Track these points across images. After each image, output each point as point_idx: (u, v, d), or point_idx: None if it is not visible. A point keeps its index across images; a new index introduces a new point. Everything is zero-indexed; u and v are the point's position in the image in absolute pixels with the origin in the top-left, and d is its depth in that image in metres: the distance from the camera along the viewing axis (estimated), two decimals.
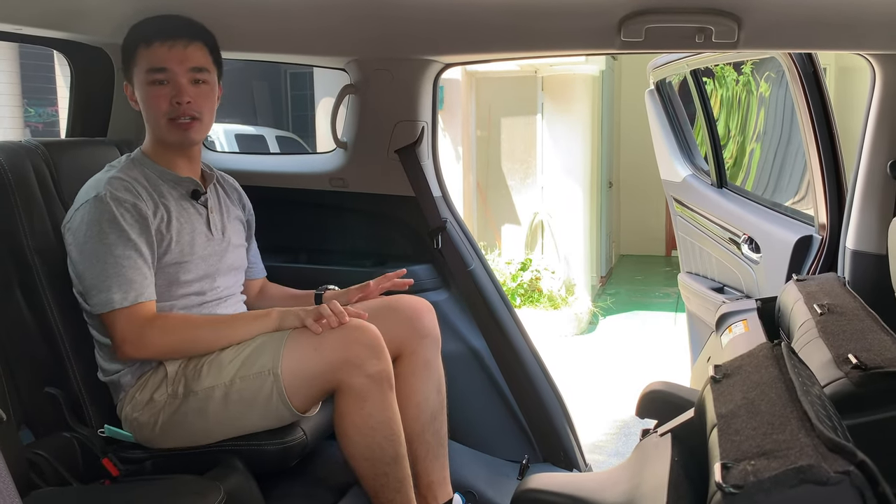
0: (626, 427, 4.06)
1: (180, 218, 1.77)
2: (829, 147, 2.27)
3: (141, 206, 1.69)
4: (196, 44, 1.75)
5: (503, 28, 1.90)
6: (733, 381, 1.07)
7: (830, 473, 0.74)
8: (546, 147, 6.73)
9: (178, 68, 1.72)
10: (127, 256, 1.65)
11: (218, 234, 1.85)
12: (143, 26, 1.76)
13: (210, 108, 1.79)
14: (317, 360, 1.62)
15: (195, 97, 1.74)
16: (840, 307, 1.66)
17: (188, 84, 1.73)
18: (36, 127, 11.01)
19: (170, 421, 1.68)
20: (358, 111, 2.38)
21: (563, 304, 6.30)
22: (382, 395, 1.64)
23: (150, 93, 1.73)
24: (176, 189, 1.80)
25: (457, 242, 2.37)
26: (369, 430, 1.64)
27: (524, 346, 2.39)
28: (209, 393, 1.66)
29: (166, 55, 1.71)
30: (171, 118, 1.73)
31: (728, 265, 2.78)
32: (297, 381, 1.63)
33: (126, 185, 1.71)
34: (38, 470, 1.60)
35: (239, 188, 2.05)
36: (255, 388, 1.64)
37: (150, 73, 1.72)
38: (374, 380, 1.62)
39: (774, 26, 1.78)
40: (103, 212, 1.66)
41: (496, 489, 2.17)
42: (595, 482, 1.18)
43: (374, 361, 1.62)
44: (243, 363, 1.65)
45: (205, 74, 1.75)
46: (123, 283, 1.64)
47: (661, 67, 3.15)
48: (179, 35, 1.73)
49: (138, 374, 1.73)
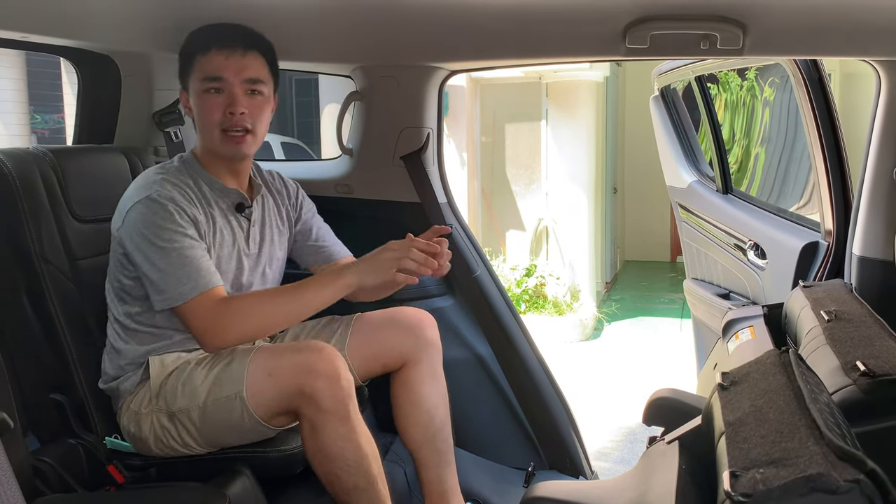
0: (632, 434, 4.04)
1: (223, 230, 1.77)
2: (835, 153, 2.26)
3: (193, 211, 1.70)
4: (253, 53, 1.72)
5: (508, 35, 1.91)
6: (741, 389, 1.06)
7: (840, 482, 0.74)
8: (550, 153, 6.74)
9: (234, 78, 1.69)
10: (189, 247, 1.65)
11: (255, 249, 1.84)
12: (201, 34, 1.74)
13: (263, 121, 1.76)
14: (272, 386, 1.59)
15: (249, 108, 1.71)
16: (847, 314, 1.65)
17: (242, 94, 1.70)
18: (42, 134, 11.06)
19: (158, 435, 1.68)
20: (363, 118, 2.38)
21: (567, 310, 6.29)
22: (338, 426, 1.57)
23: (205, 101, 1.71)
24: (223, 200, 1.79)
25: (462, 249, 2.37)
26: (324, 460, 1.60)
27: (530, 353, 2.39)
28: (187, 413, 1.65)
29: (222, 64, 1.69)
30: (223, 129, 1.71)
31: (734, 271, 2.77)
32: (263, 403, 1.60)
33: (178, 189, 1.70)
34: (44, 477, 1.60)
35: (290, 185, 2.00)
36: (227, 410, 1.62)
37: (205, 82, 1.70)
38: (328, 412, 1.56)
39: (780, 33, 1.78)
40: (157, 211, 1.65)
41: (502, 496, 2.16)
42: (602, 490, 1.18)
43: (328, 392, 1.55)
44: (213, 385, 1.63)
45: (260, 86, 1.73)
46: (192, 272, 1.64)
47: (665, 74, 3.15)
48: (237, 44, 1.70)
49: (136, 382, 1.73)
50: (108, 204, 1.94)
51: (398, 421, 1.90)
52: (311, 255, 2.00)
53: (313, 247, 1.99)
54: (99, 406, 1.78)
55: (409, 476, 2.08)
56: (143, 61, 2.13)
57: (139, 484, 1.72)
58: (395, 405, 1.90)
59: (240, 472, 1.65)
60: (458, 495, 1.91)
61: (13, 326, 1.70)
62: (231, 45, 1.70)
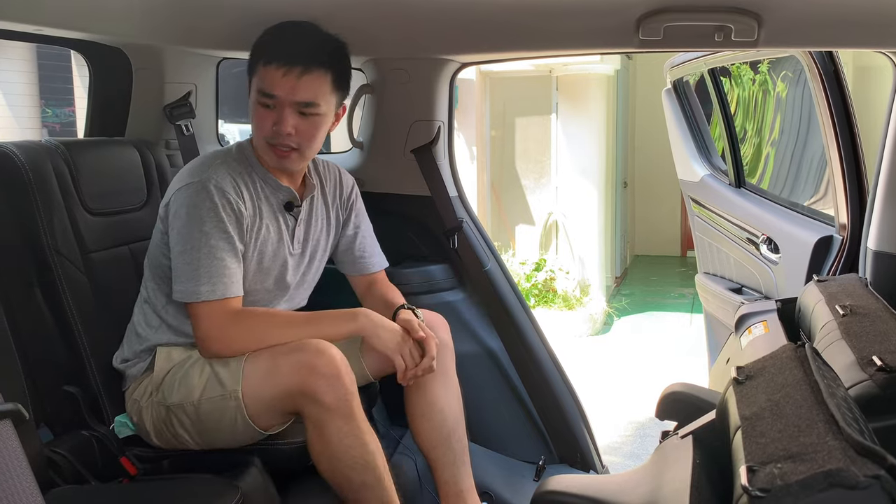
0: (643, 428, 4.03)
1: (269, 226, 1.76)
2: (850, 146, 2.24)
3: (240, 204, 1.69)
4: (313, 74, 1.66)
5: (520, 27, 1.89)
6: (757, 383, 1.05)
7: (860, 477, 0.73)
8: (560, 147, 6.71)
9: (286, 98, 1.66)
10: (221, 248, 1.64)
11: (298, 248, 1.84)
12: (271, 39, 1.70)
13: (315, 139, 1.72)
14: (273, 386, 1.59)
15: (298, 128, 1.68)
16: (863, 308, 1.64)
17: (292, 114, 1.67)
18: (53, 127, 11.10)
19: (159, 427, 1.69)
20: (374, 111, 2.38)
21: (577, 304, 6.28)
22: (342, 423, 1.57)
23: (257, 112, 1.70)
24: (273, 196, 1.78)
25: (473, 242, 2.36)
26: (331, 458, 1.60)
27: (540, 347, 2.38)
28: (182, 408, 1.66)
29: (278, 82, 1.65)
30: (269, 143, 1.71)
31: (746, 266, 2.76)
32: (259, 404, 1.60)
33: (230, 179, 1.70)
34: (57, 468, 1.61)
35: (346, 183, 1.98)
36: (220, 409, 1.62)
37: (259, 94, 1.68)
38: (331, 410, 1.56)
39: (795, 24, 1.76)
40: (204, 199, 1.65)
41: (512, 490, 2.16)
42: (615, 484, 1.17)
43: (330, 391, 1.55)
44: (208, 382, 1.64)
45: (313, 108, 1.68)
46: (214, 275, 1.63)
47: (678, 66, 3.13)
48: (297, 63, 1.64)
49: (142, 370, 1.74)
50: (120, 197, 1.95)
51: (411, 421, 1.90)
52: (349, 263, 1.99)
53: (353, 255, 1.98)
54: (112, 398, 1.79)
55: (419, 468, 2.08)
56: (155, 54, 2.13)
57: (152, 476, 1.73)
58: (409, 406, 1.90)
59: (251, 464, 1.66)
60: (473, 495, 1.91)
61: (26, 319, 1.71)
62: (291, 63, 1.64)
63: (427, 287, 2.32)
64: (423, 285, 2.32)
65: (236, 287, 1.67)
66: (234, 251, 1.67)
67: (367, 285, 1.99)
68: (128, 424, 1.75)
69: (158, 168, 2.07)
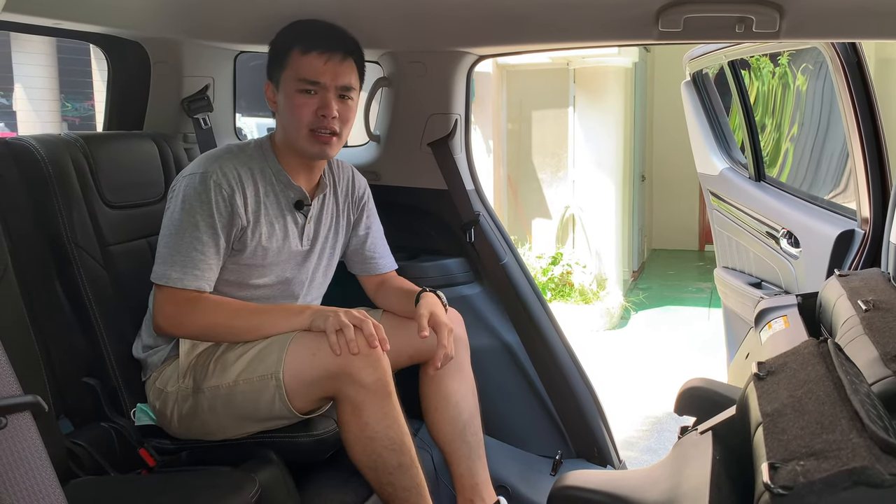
0: (660, 423, 4.01)
1: (275, 223, 1.78)
2: (873, 139, 2.21)
3: (237, 199, 1.71)
4: (350, 61, 1.75)
5: (538, 19, 1.88)
6: (778, 379, 1.04)
7: (885, 475, 0.72)
8: (577, 140, 6.67)
9: (330, 83, 1.72)
10: (203, 242, 1.67)
11: (306, 245, 1.85)
12: (301, 30, 1.75)
13: (350, 123, 1.79)
14: (314, 367, 1.60)
15: (341, 112, 1.74)
16: (886, 303, 1.61)
17: (335, 99, 1.73)
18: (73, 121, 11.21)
19: (184, 414, 1.71)
20: (391, 104, 2.37)
21: (594, 298, 6.25)
22: (380, 404, 1.59)
23: (297, 101, 1.73)
24: (284, 193, 1.80)
25: (489, 236, 2.35)
26: (367, 440, 1.61)
27: (557, 341, 2.37)
28: (215, 392, 1.67)
29: (321, 68, 1.71)
30: (312, 129, 1.73)
31: (766, 260, 2.73)
32: (298, 385, 1.62)
33: (236, 173, 1.73)
34: (77, 459, 1.63)
35: (359, 184, 2.00)
36: (258, 390, 1.63)
37: (300, 83, 1.72)
38: (369, 390, 1.58)
39: (817, 15, 1.73)
40: (202, 191, 1.68)
41: (529, 484, 2.16)
42: (634, 480, 1.16)
43: (370, 371, 1.58)
44: (248, 365, 1.65)
45: (352, 92, 1.76)
46: (188, 265, 1.66)
47: (697, 59, 3.09)
48: (336, 49, 1.73)
49: (163, 358, 1.76)
50: (139, 190, 1.96)
51: (427, 416, 1.91)
52: (359, 262, 2.01)
53: (364, 255, 2.00)
54: (131, 390, 1.80)
55: (436, 462, 2.08)
56: (173, 48, 2.14)
57: (170, 467, 1.74)
58: (424, 400, 1.90)
59: (269, 457, 1.67)
60: (489, 488, 1.91)
61: (46, 311, 1.72)
62: (332, 49, 1.72)
63: (443, 281, 2.31)
64: (439, 279, 2.31)
65: (204, 283, 1.69)
66: (217, 247, 1.69)
67: (377, 284, 2.02)
68: (148, 413, 1.77)
69: (176, 161, 2.08)
